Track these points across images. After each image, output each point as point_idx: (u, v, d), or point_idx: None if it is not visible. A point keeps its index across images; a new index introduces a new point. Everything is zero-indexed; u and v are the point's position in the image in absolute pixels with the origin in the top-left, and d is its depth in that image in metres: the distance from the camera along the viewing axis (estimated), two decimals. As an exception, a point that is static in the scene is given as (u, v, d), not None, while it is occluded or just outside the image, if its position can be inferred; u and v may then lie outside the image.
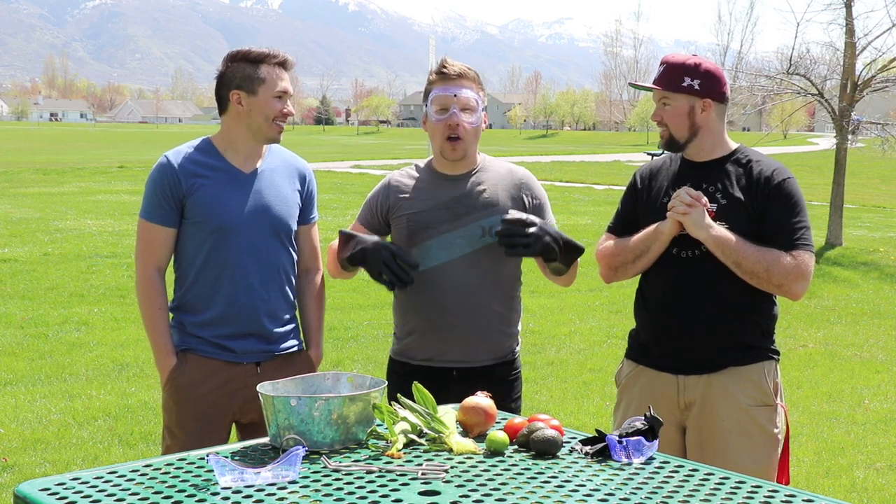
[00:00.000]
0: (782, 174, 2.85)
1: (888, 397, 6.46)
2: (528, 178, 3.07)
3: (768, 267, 2.74)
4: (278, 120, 2.90)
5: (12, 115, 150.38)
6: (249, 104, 2.87)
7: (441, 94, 2.92)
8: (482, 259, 2.94)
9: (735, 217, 2.81)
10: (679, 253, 2.86)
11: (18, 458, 4.89)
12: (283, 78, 2.89)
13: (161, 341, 2.91)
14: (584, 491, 1.96)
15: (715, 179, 2.88)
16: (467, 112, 2.92)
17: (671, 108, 2.88)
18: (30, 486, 1.97)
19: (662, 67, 2.92)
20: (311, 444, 2.19)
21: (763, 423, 2.85)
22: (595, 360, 7.24)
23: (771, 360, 2.90)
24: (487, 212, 2.94)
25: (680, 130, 2.89)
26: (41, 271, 10.13)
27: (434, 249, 2.95)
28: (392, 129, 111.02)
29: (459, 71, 2.93)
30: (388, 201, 3.04)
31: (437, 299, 2.95)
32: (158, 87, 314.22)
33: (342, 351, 7.31)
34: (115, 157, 31.36)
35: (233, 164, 2.92)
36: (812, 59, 13.67)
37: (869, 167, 29.49)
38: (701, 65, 2.88)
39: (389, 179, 3.11)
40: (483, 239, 2.93)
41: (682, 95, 2.86)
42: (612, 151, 40.27)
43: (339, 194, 19.57)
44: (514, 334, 3.10)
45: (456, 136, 2.92)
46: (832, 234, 13.39)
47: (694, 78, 2.86)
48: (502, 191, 2.98)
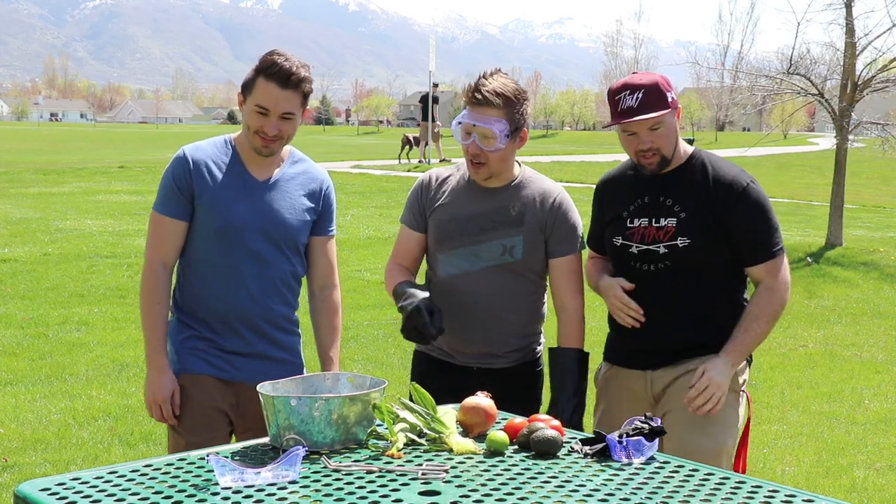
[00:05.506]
0: (741, 180, 2.82)
1: (888, 397, 6.45)
2: (561, 201, 3.01)
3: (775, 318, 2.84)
4: (259, 134, 2.80)
5: (12, 115, 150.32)
6: (244, 110, 2.84)
7: (465, 121, 2.89)
8: (500, 275, 2.97)
9: (694, 229, 2.80)
10: (640, 266, 2.89)
11: (18, 458, 4.88)
12: (271, 93, 2.76)
13: (154, 336, 2.86)
14: (584, 491, 1.96)
15: (673, 191, 2.85)
16: (488, 140, 2.87)
17: (664, 129, 2.80)
18: (30, 486, 1.97)
19: (641, 93, 2.75)
20: (311, 444, 2.19)
21: (727, 408, 2.84)
22: (595, 359, 7.22)
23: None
24: (510, 231, 2.95)
25: (670, 147, 2.84)
26: (41, 271, 10.13)
27: (457, 259, 2.98)
28: (392, 129, 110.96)
29: (485, 98, 2.85)
30: (426, 200, 3.06)
31: (455, 306, 2.97)
32: (158, 87, 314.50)
33: (342, 351, 7.28)
34: (115, 157, 31.31)
35: (248, 168, 2.89)
36: (812, 59, 13.65)
37: (869, 167, 29.45)
38: (661, 77, 2.83)
39: (429, 178, 3.10)
40: (503, 257, 2.95)
41: (669, 111, 2.80)
42: (612, 151, 40.18)
43: (339, 194, 19.45)
44: (534, 338, 3.13)
45: (479, 161, 2.91)
46: (832, 234, 13.38)
47: (669, 90, 2.80)
48: (531, 212, 2.97)
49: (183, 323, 2.93)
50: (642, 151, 2.81)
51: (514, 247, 2.94)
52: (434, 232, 3.02)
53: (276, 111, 2.77)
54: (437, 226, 3.01)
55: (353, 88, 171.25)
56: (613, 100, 2.80)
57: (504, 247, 2.94)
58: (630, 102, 2.75)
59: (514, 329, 3.03)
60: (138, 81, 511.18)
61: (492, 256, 2.95)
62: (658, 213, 2.86)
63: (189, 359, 2.89)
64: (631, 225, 2.91)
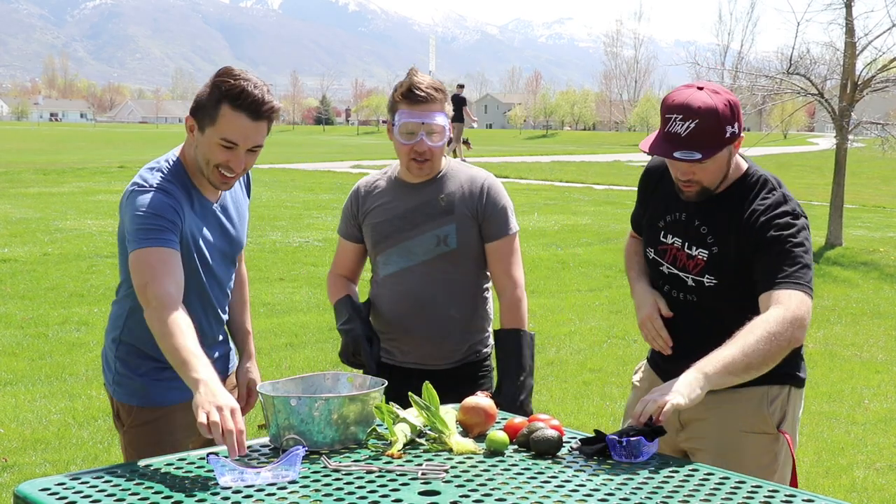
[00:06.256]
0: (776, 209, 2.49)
1: (888, 397, 6.46)
2: (489, 186, 2.99)
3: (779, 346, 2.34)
4: (222, 169, 2.47)
5: (12, 115, 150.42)
6: (197, 139, 2.49)
7: (408, 120, 2.88)
8: (437, 267, 2.96)
9: (724, 270, 2.53)
10: (671, 292, 2.69)
11: (18, 458, 4.88)
12: (241, 126, 2.40)
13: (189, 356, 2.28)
14: (584, 491, 1.96)
15: (709, 217, 2.56)
16: (434, 136, 2.90)
17: (712, 164, 2.44)
18: (30, 486, 1.97)
19: (694, 124, 2.36)
20: (311, 444, 2.19)
21: (753, 452, 2.56)
22: (595, 360, 7.24)
23: (780, 385, 2.61)
24: (442, 221, 2.95)
25: (713, 181, 2.52)
26: (41, 271, 10.13)
27: (393, 257, 3.00)
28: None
29: (428, 95, 2.87)
30: (357, 210, 3.10)
31: (393, 306, 3.02)
32: (158, 87, 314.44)
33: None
34: (115, 157, 31.32)
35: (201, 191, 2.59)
36: (812, 59, 13.66)
37: (869, 167, 29.46)
38: (729, 101, 2.42)
39: (358, 188, 3.14)
40: (438, 248, 2.95)
41: (722, 148, 2.44)
42: (612, 151, 40.24)
43: (340, 194, 19.53)
44: (479, 336, 3.08)
45: (423, 159, 2.92)
46: (832, 234, 13.39)
47: (733, 123, 2.42)
48: (460, 200, 2.97)
49: (138, 353, 2.71)
50: (681, 181, 2.53)
51: (447, 236, 2.94)
52: (370, 235, 3.05)
53: (245, 145, 2.44)
54: (372, 229, 3.04)
55: (353, 88, 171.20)
56: (664, 117, 2.44)
57: (438, 238, 2.94)
58: (678, 129, 2.39)
59: (457, 325, 3.00)
60: (138, 81, 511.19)
61: (426, 249, 2.96)
62: (691, 239, 2.60)
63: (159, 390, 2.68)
64: (664, 240, 2.68)
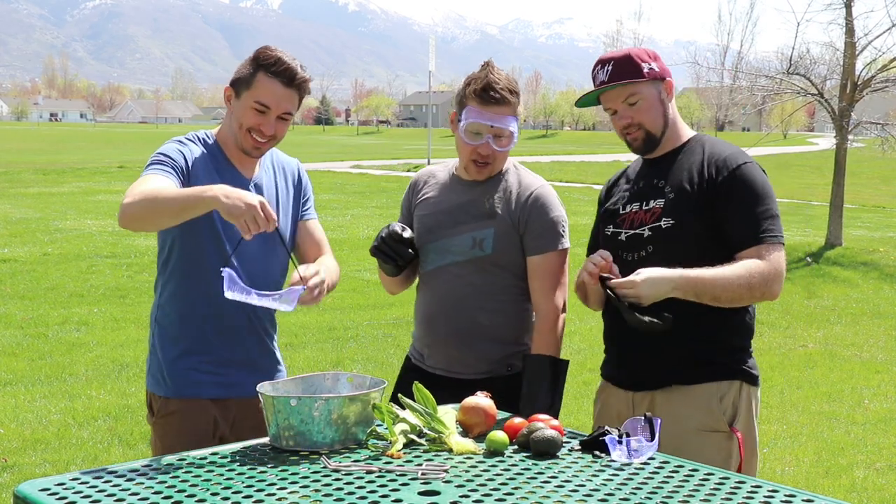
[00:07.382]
0: (737, 159, 2.56)
1: (888, 397, 6.46)
2: (538, 196, 2.81)
3: (749, 285, 2.45)
4: (254, 132, 2.63)
5: (12, 115, 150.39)
6: (234, 106, 2.66)
7: (477, 121, 2.72)
8: (469, 270, 2.80)
9: (680, 210, 2.56)
10: (626, 256, 2.63)
11: (18, 458, 4.89)
12: (274, 90, 2.59)
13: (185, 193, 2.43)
14: (584, 491, 1.96)
15: (666, 173, 2.65)
16: (503, 140, 2.76)
17: (643, 101, 2.62)
18: (30, 486, 1.97)
19: (611, 65, 2.63)
20: (311, 445, 2.19)
21: (706, 451, 2.47)
22: (595, 360, 7.21)
23: (731, 381, 2.58)
24: (481, 224, 2.80)
25: (655, 122, 2.64)
26: (41, 271, 10.13)
27: (431, 254, 2.87)
28: (392, 129, 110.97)
29: (502, 97, 2.71)
30: (412, 200, 3.00)
31: (425, 305, 2.91)
32: (158, 87, 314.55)
33: (342, 351, 7.31)
34: (115, 157, 31.33)
35: (238, 169, 2.70)
36: (812, 59, 13.67)
37: (869, 167, 29.47)
38: (645, 50, 2.68)
39: (416, 178, 3.05)
40: (473, 251, 2.79)
41: (648, 83, 2.61)
42: (612, 151, 40.24)
43: (340, 194, 19.53)
44: (510, 349, 2.85)
45: (485, 161, 2.79)
46: (832, 234, 13.39)
47: (652, 60, 2.63)
48: (505, 205, 2.80)
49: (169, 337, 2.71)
50: (625, 129, 2.65)
51: (483, 240, 2.78)
52: (417, 227, 2.92)
53: (276, 110, 2.62)
54: (419, 221, 2.93)
55: (353, 88, 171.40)
56: (592, 78, 2.69)
57: (474, 240, 2.79)
58: (601, 77, 2.64)
59: (486, 332, 2.81)
60: (138, 81, 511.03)
61: (461, 250, 2.80)
62: (648, 196, 2.65)
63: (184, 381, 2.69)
64: (623, 211, 2.69)
